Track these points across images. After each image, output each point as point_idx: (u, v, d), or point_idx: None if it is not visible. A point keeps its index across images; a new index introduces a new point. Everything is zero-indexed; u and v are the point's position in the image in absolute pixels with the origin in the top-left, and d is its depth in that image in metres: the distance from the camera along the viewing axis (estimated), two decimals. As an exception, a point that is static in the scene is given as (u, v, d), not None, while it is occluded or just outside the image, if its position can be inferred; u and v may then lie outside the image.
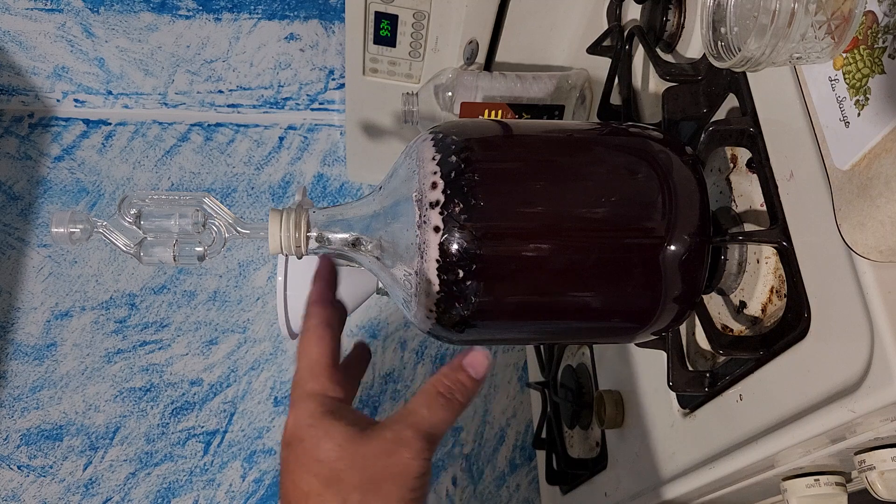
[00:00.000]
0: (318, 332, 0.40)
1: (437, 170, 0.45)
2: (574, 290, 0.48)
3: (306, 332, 0.40)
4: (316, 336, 0.40)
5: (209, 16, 1.04)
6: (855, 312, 0.39)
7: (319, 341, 0.40)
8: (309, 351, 0.39)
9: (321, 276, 0.42)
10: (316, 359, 0.39)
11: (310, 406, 0.38)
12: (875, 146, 0.36)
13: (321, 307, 0.41)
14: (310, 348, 0.40)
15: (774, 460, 0.47)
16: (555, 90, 0.82)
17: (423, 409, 0.38)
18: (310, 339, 0.40)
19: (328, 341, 0.40)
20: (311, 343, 0.40)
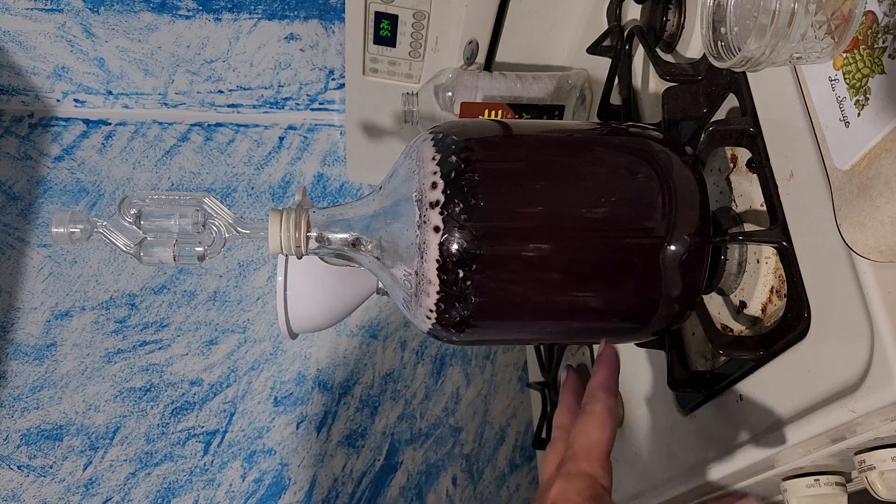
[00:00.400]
0: (602, 418, 0.41)
1: (437, 170, 0.45)
2: (574, 290, 0.48)
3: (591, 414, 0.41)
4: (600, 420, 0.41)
5: (209, 16, 1.05)
6: (855, 312, 0.39)
7: (603, 426, 0.41)
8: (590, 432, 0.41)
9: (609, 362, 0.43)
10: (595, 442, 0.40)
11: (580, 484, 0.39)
12: (875, 146, 0.36)
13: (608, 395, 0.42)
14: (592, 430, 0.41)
15: (774, 460, 0.47)
16: (555, 90, 0.82)
17: None
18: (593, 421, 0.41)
19: (610, 429, 0.41)
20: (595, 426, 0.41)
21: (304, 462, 1.03)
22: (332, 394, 1.07)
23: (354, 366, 1.08)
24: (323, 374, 1.07)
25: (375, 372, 1.08)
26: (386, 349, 1.10)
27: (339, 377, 1.08)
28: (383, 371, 1.08)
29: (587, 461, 0.40)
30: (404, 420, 1.07)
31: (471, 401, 1.09)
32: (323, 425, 1.05)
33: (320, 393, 1.06)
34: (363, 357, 1.09)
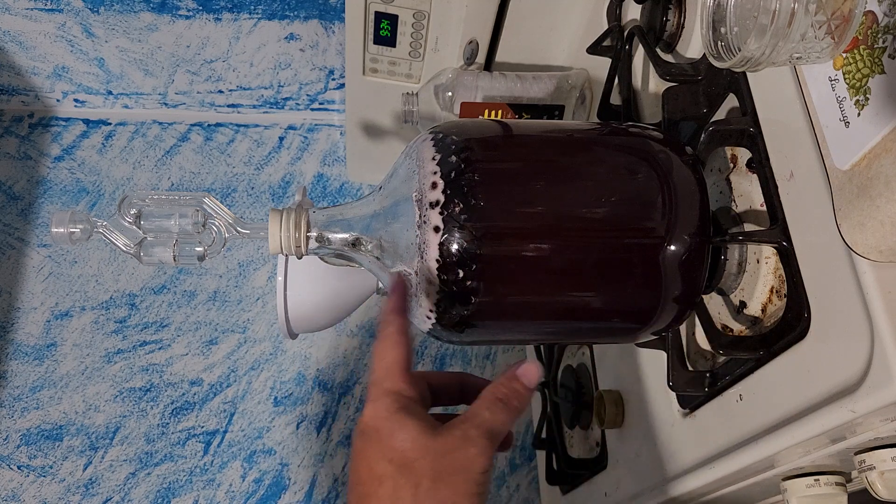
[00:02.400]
0: (394, 338, 0.43)
1: (437, 170, 0.45)
2: (574, 290, 0.48)
3: (385, 338, 0.43)
4: (392, 341, 0.43)
5: (209, 16, 1.04)
6: (855, 312, 0.39)
7: (396, 346, 0.43)
8: (385, 354, 0.43)
9: (398, 288, 0.45)
10: (393, 361, 0.42)
11: (386, 402, 0.41)
12: (875, 146, 0.36)
13: (399, 316, 0.44)
14: (387, 352, 0.43)
15: (774, 460, 0.47)
16: (555, 90, 0.82)
17: (486, 412, 0.42)
18: (387, 344, 0.43)
19: (404, 347, 0.43)
20: (388, 347, 0.43)
21: (304, 462, 1.03)
22: (332, 394, 1.07)
23: (354, 366, 1.08)
24: (323, 374, 1.07)
25: (375, 372, 1.08)
26: (386, 349, 1.09)
27: (339, 377, 1.08)
28: (383, 371, 1.08)
29: (388, 379, 0.42)
30: (404, 420, 1.06)
31: (471, 401, 1.09)
32: (323, 425, 1.05)
33: (320, 393, 1.06)
34: (363, 357, 1.09)
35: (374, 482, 0.40)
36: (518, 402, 0.43)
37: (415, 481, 0.39)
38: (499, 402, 0.43)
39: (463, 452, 0.40)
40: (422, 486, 0.39)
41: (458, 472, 0.39)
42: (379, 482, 0.40)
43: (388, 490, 0.39)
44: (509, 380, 0.44)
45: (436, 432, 0.40)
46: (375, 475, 0.40)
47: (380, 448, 0.40)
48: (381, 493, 0.39)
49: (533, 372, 0.44)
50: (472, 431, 0.41)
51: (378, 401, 0.41)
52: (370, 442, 0.41)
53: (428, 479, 0.39)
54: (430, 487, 0.39)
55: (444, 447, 0.40)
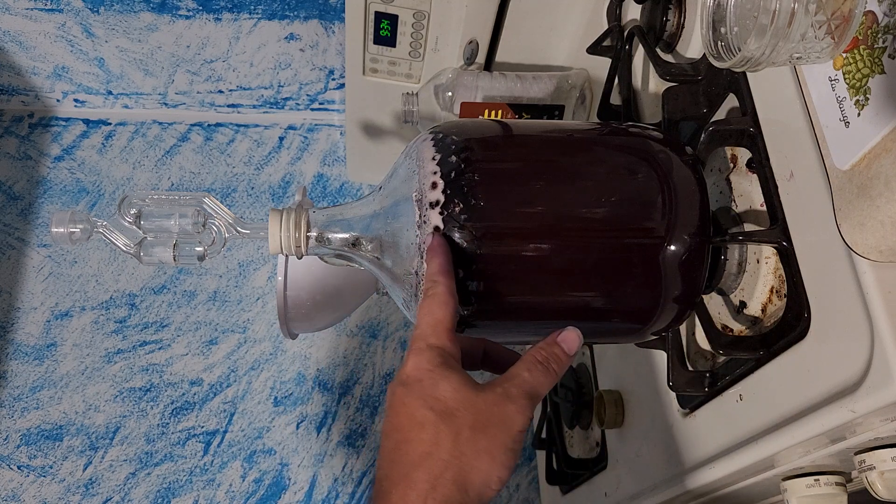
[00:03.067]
0: (443, 298, 0.43)
1: (437, 170, 0.45)
2: (574, 290, 0.48)
3: (433, 297, 0.43)
4: (441, 300, 0.43)
5: (209, 16, 1.05)
6: (855, 312, 0.39)
7: (443, 305, 0.43)
8: (434, 311, 0.43)
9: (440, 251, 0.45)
10: (439, 319, 0.43)
11: (430, 355, 0.42)
12: (875, 146, 0.36)
13: (446, 277, 0.44)
14: (434, 309, 0.43)
15: (774, 460, 0.47)
16: (555, 90, 0.82)
17: (525, 373, 0.43)
18: (435, 302, 0.43)
19: (451, 308, 0.43)
20: (436, 305, 0.43)
21: (304, 462, 1.03)
22: (332, 394, 1.07)
23: (354, 366, 1.08)
24: (323, 374, 1.07)
25: (375, 372, 1.08)
26: (386, 349, 1.10)
27: (339, 377, 1.08)
28: (383, 371, 1.08)
29: (434, 336, 0.43)
30: (404, 420, 1.06)
31: (471, 401, 1.09)
32: (323, 425, 1.05)
33: (320, 393, 1.06)
34: (363, 357, 1.09)
35: (415, 427, 0.41)
36: (557, 366, 0.44)
37: (455, 430, 0.40)
38: (539, 364, 0.44)
39: (503, 408, 0.41)
40: (462, 435, 0.40)
41: (497, 425, 0.41)
42: (420, 427, 0.41)
43: (428, 434, 0.40)
44: (550, 344, 0.45)
45: (478, 387, 0.42)
46: (416, 421, 0.41)
47: (422, 396, 0.41)
48: (422, 436, 0.40)
49: (573, 338, 0.45)
50: (513, 390, 0.42)
51: (422, 354, 0.42)
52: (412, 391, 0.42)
53: (468, 429, 0.40)
54: (470, 437, 0.40)
55: (485, 401, 0.41)
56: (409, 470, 0.40)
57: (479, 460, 0.40)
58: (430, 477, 0.40)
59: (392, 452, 0.41)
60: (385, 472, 0.41)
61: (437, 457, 0.40)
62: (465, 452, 0.40)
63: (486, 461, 0.40)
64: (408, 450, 0.41)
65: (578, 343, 0.46)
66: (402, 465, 0.40)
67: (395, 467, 0.41)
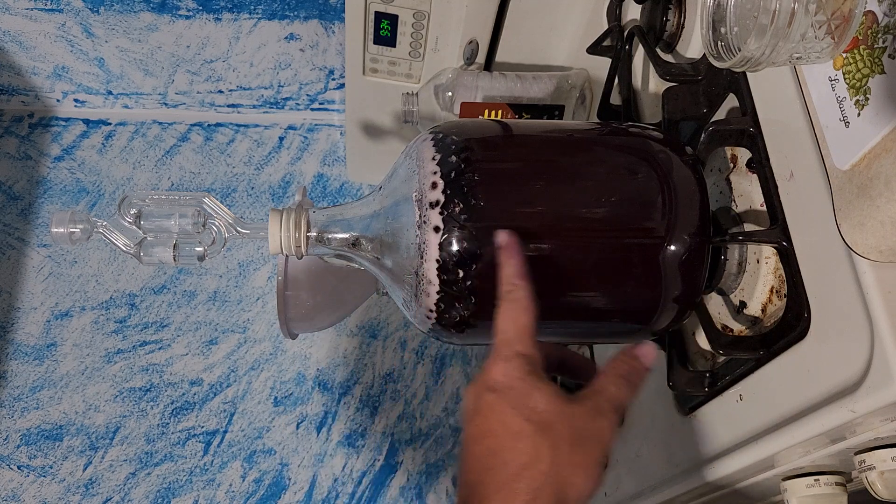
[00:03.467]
0: (525, 303, 0.43)
1: (437, 170, 0.45)
2: (574, 290, 0.48)
3: (515, 301, 0.43)
4: (523, 306, 0.43)
5: (209, 16, 1.04)
6: (855, 312, 0.39)
7: (526, 311, 0.43)
8: (517, 317, 0.43)
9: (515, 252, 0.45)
10: (524, 325, 0.43)
11: (518, 362, 0.42)
12: (875, 146, 0.36)
13: (525, 280, 0.44)
14: (518, 315, 0.43)
15: (774, 460, 0.47)
16: (555, 90, 0.82)
17: (612, 387, 0.43)
18: (518, 307, 0.43)
19: (532, 312, 0.43)
20: (520, 311, 0.43)
21: (304, 462, 1.03)
22: (332, 394, 1.07)
23: (354, 366, 1.08)
24: (323, 374, 1.07)
25: (375, 372, 1.08)
26: (386, 349, 1.10)
27: (339, 377, 1.08)
28: (383, 371, 1.08)
29: (520, 343, 0.42)
30: (404, 420, 1.06)
31: (471, 401, 1.09)
32: (323, 425, 1.05)
33: (320, 393, 1.06)
34: (363, 357, 1.09)
35: (510, 437, 0.41)
36: (638, 380, 0.44)
37: (554, 443, 0.40)
38: (622, 378, 0.44)
39: (597, 422, 0.41)
40: (560, 449, 0.40)
41: (591, 440, 0.41)
42: (516, 438, 0.40)
43: (527, 447, 0.40)
44: (630, 358, 0.45)
45: (569, 399, 0.42)
46: (511, 431, 0.41)
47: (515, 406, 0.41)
48: (519, 447, 0.40)
49: (651, 352, 0.46)
50: (604, 404, 0.42)
51: (511, 361, 0.42)
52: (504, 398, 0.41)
53: (566, 443, 0.40)
54: (569, 451, 0.40)
55: (579, 415, 0.41)
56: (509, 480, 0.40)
57: (576, 475, 0.40)
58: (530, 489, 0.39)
59: (486, 458, 0.41)
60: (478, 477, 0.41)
61: (536, 469, 0.40)
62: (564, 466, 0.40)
63: (581, 476, 0.40)
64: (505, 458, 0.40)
65: (655, 356, 0.46)
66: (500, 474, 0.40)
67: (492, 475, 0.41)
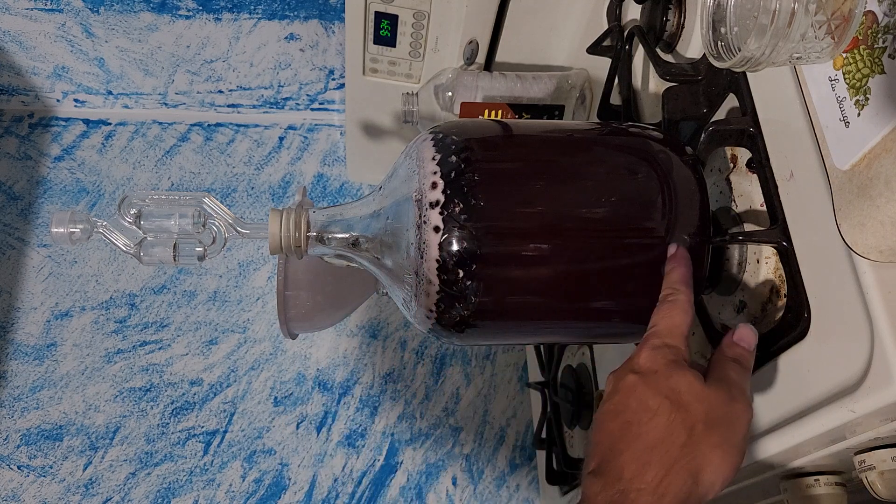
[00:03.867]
0: (684, 306, 0.45)
1: (437, 170, 0.45)
2: (574, 290, 0.48)
3: (675, 303, 0.45)
4: (682, 308, 0.45)
5: (209, 16, 1.04)
6: (855, 312, 0.39)
7: (683, 313, 0.45)
8: (673, 315, 0.45)
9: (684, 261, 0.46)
10: (678, 323, 0.45)
11: (665, 351, 0.44)
12: (875, 146, 0.36)
13: (689, 288, 0.46)
14: (675, 314, 0.45)
15: (774, 460, 0.47)
16: (555, 90, 0.82)
17: (733, 374, 0.44)
18: (675, 307, 0.45)
19: (690, 316, 0.45)
20: (678, 311, 0.45)
21: (304, 462, 1.03)
22: (332, 394, 1.07)
23: (354, 366, 1.08)
24: (323, 374, 1.07)
25: (375, 372, 1.08)
26: (386, 349, 1.10)
27: (339, 377, 1.07)
28: (383, 371, 1.08)
29: (671, 336, 0.44)
30: (404, 420, 1.06)
31: (471, 401, 1.09)
32: (323, 425, 1.05)
33: (320, 393, 1.06)
34: (363, 357, 1.09)
35: (647, 412, 0.42)
36: (747, 363, 0.45)
37: (690, 422, 0.41)
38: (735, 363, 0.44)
39: (733, 406, 0.42)
40: (696, 429, 0.41)
41: (728, 422, 0.42)
42: (652, 413, 0.41)
43: (662, 422, 0.41)
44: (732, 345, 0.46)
45: (708, 384, 0.42)
46: (648, 407, 0.42)
47: (656, 385, 0.42)
48: (655, 422, 0.41)
49: (750, 335, 0.46)
50: (735, 390, 0.43)
51: (657, 350, 0.44)
52: (645, 379, 0.43)
53: (701, 423, 0.41)
54: (704, 431, 0.41)
55: (717, 399, 0.42)
56: (644, 452, 0.41)
57: (713, 454, 0.41)
58: (665, 462, 0.40)
59: (622, 430, 0.42)
60: (612, 447, 0.42)
61: (672, 443, 0.41)
62: (700, 444, 0.41)
63: (718, 456, 0.41)
64: (640, 431, 0.41)
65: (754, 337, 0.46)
66: (636, 445, 0.41)
67: (627, 445, 0.41)
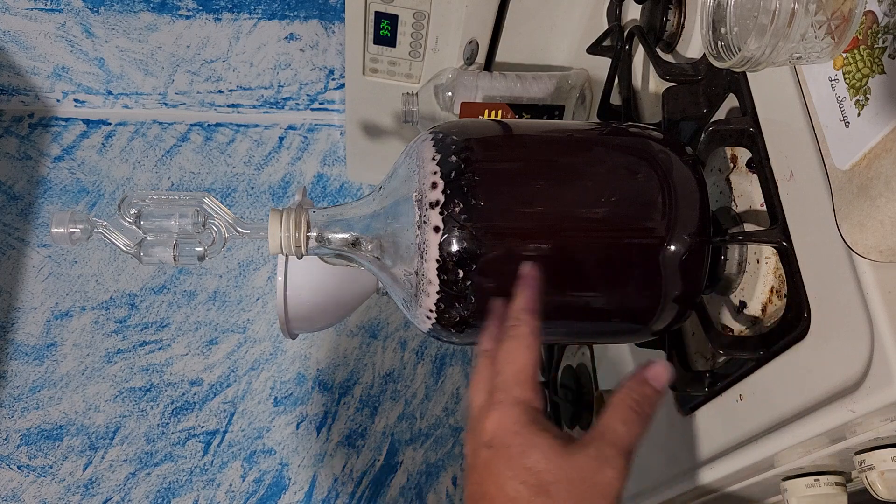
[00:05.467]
0: (528, 341, 0.40)
1: (437, 170, 0.45)
2: (574, 290, 0.48)
3: (517, 339, 0.40)
4: (525, 344, 0.40)
5: (209, 16, 1.04)
6: (855, 312, 0.39)
7: (528, 350, 0.40)
8: (517, 357, 0.40)
9: (532, 284, 0.42)
10: (523, 366, 0.40)
11: (515, 412, 0.39)
12: (875, 146, 0.36)
13: (533, 316, 0.41)
14: (518, 355, 0.40)
15: (774, 460, 0.47)
16: (555, 90, 0.82)
17: (620, 426, 0.39)
18: (519, 345, 0.40)
19: (535, 352, 0.40)
20: (521, 350, 0.40)
21: (304, 462, 1.03)
22: (332, 394, 1.07)
23: (354, 366, 1.08)
24: (323, 374, 1.07)
25: (375, 372, 1.08)
26: (386, 349, 1.10)
27: (339, 377, 1.08)
28: (383, 371, 1.08)
29: (518, 387, 0.39)
30: (404, 420, 1.07)
31: (471, 401, 1.09)
32: (323, 425, 1.05)
33: (320, 393, 1.06)
34: (363, 357, 1.09)
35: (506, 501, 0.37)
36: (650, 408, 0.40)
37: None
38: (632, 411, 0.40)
39: (601, 475, 0.37)
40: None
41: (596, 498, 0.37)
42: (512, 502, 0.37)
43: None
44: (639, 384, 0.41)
45: (569, 450, 0.38)
46: (507, 496, 0.37)
47: (510, 466, 0.38)
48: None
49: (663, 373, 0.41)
50: (608, 450, 0.38)
51: (507, 411, 0.39)
52: (499, 457, 0.38)
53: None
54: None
55: (580, 469, 0.37)
56: None
57: None
58: None
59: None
60: None
61: None
62: None
63: None
64: None
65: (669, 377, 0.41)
66: None
67: None
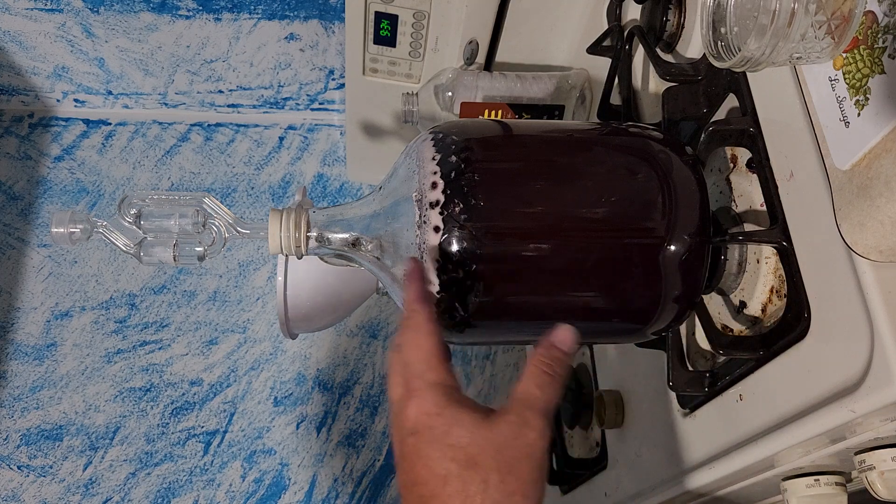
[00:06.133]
0: (427, 327, 0.42)
1: (437, 170, 0.45)
2: (574, 290, 0.48)
3: (415, 328, 0.42)
4: (425, 331, 0.42)
5: (209, 16, 1.04)
6: (855, 312, 0.39)
7: (429, 336, 0.41)
8: (421, 344, 0.41)
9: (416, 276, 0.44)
10: (430, 351, 0.41)
11: (432, 395, 0.40)
12: (875, 146, 0.36)
13: (425, 304, 0.43)
14: (422, 341, 0.41)
15: (774, 460, 0.47)
16: (555, 90, 0.82)
17: (536, 390, 0.41)
18: (419, 334, 0.42)
19: (437, 335, 0.42)
20: (423, 337, 0.42)
21: (304, 462, 1.03)
22: (332, 394, 1.07)
23: (354, 366, 1.08)
24: (323, 374, 1.07)
25: (375, 372, 1.08)
26: (386, 349, 1.10)
27: (339, 377, 1.07)
28: (383, 371, 1.08)
29: (430, 371, 0.41)
30: (404, 420, 1.06)
31: (471, 401, 1.09)
32: (323, 425, 1.05)
33: (320, 393, 1.06)
34: (363, 357, 1.09)
35: (438, 482, 0.39)
36: (561, 368, 0.43)
37: (482, 477, 0.38)
38: (545, 374, 0.42)
39: (523, 439, 0.39)
40: (490, 482, 0.38)
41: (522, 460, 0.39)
42: (444, 482, 0.38)
43: (455, 488, 0.38)
44: (548, 349, 0.43)
45: (490, 421, 0.39)
46: (438, 475, 0.39)
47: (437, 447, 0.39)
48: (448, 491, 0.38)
49: (568, 336, 0.44)
50: (527, 413, 0.40)
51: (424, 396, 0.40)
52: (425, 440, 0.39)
53: (495, 473, 0.38)
54: (499, 481, 0.38)
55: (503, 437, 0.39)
56: None
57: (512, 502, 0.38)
58: None
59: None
60: None
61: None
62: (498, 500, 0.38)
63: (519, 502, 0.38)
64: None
65: (573, 339, 0.44)
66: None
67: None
